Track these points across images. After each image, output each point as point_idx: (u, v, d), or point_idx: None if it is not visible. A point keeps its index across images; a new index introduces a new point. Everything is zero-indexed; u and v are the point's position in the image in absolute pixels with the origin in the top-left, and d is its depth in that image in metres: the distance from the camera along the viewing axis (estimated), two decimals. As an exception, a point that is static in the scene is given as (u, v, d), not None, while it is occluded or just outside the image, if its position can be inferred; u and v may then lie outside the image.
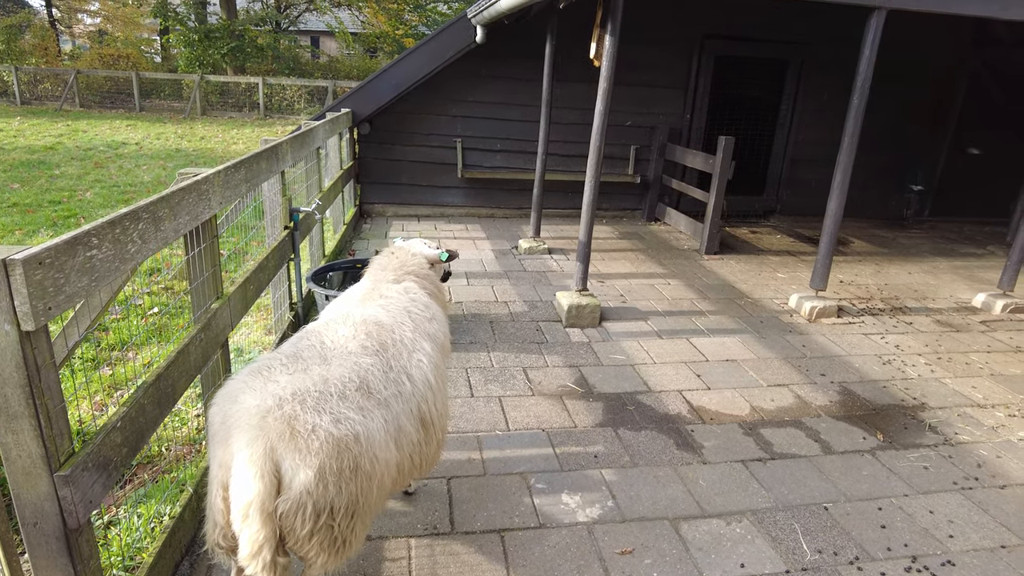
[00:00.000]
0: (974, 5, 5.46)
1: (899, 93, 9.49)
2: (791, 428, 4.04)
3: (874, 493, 3.44)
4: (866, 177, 9.90)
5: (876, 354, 5.19)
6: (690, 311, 5.86)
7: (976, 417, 4.31)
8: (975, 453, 3.88)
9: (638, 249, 7.79)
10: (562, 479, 3.41)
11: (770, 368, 4.83)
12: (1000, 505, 3.40)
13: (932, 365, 5.07)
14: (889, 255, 8.23)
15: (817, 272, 5.93)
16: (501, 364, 4.66)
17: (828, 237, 5.80)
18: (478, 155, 8.98)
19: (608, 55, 5.05)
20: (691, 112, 9.10)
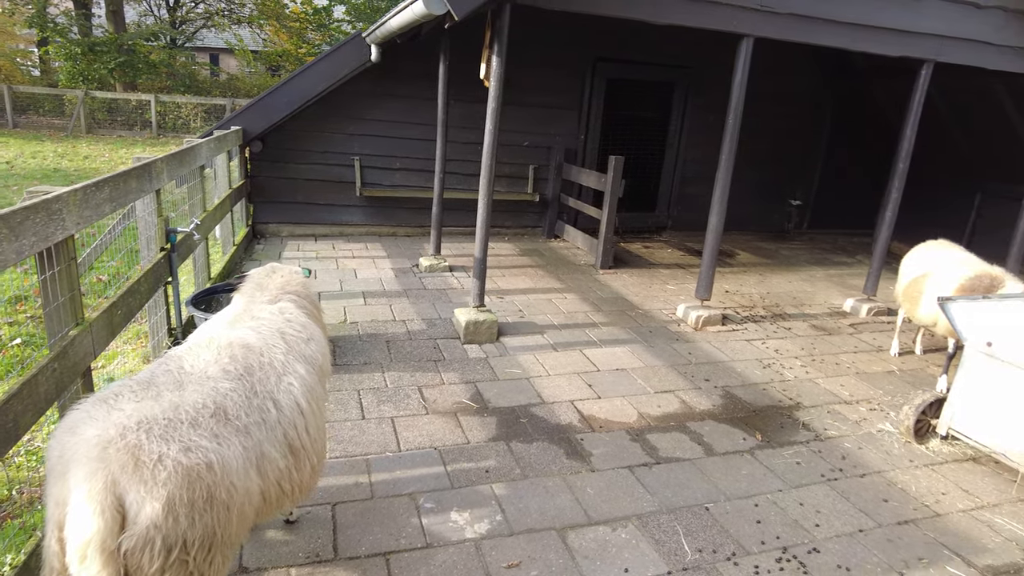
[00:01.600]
0: (827, 36, 5.95)
1: (778, 115, 10.21)
2: (676, 432, 4.19)
3: (751, 491, 3.62)
4: (751, 193, 10.54)
5: (757, 358, 5.49)
6: (584, 323, 6.00)
7: (843, 413, 4.63)
8: (841, 446, 4.16)
9: (537, 265, 7.92)
10: (452, 497, 3.39)
11: (658, 376, 5.00)
12: (860, 493, 3.66)
13: (807, 367, 5.41)
14: (771, 265, 8.77)
15: (701, 283, 6.23)
16: (396, 384, 4.59)
17: (710, 250, 6.11)
18: (377, 173, 8.89)
19: (496, 75, 5.14)
20: (585, 133, 9.40)
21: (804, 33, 5.90)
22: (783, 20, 5.78)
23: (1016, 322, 3.64)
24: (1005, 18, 6.40)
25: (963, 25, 6.31)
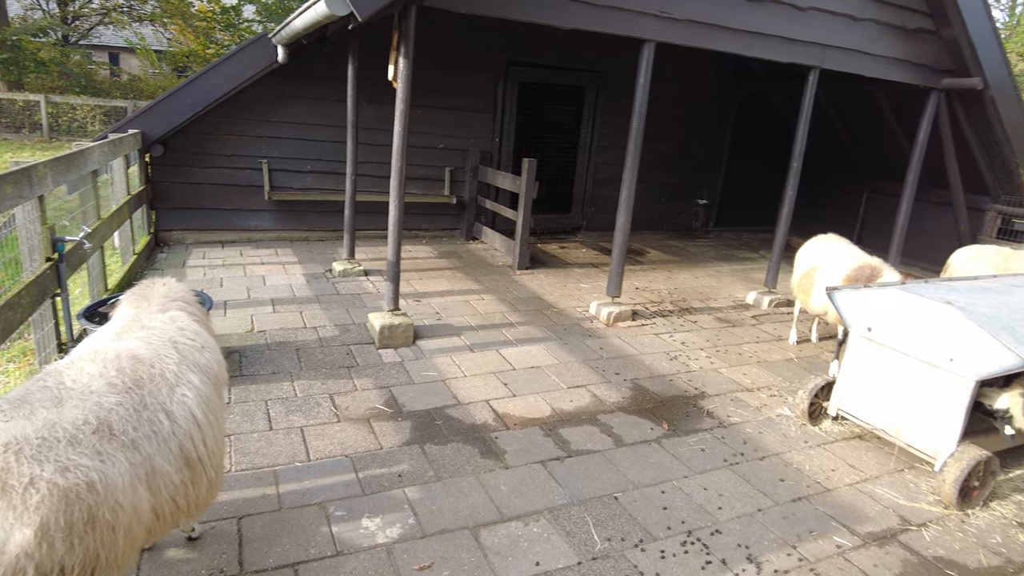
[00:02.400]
0: (724, 42, 6.25)
1: (685, 119, 10.65)
2: (588, 426, 4.30)
3: (658, 478, 3.76)
4: (660, 194, 10.94)
5: (665, 351, 5.70)
6: (501, 324, 6.06)
7: (745, 400, 4.87)
8: (743, 432, 4.38)
9: (455, 267, 7.92)
10: (363, 503, 3.35)
11: (571, 372, 5.11)
12: (759, 475, 3.87)
13: (712, 357, 5.67)
14: (680, 262, 9.11)
15: (611, 281, 6.41)
16: (306, 393, 4.49)
17: (619, 249, 6.30)
18: (287, 176, 8.66)
19: (403, 77, 5.11)
20: (500, 135, 9.48)
21: (703, 39, 6.17)
22: (682, 26, 6.02)
23: (891, 308, 3.95)
24: (878, 30, 6.91)
25: (843, 35, 6.77)
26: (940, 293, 3.95)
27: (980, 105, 7.80)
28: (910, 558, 3.24)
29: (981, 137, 8.26)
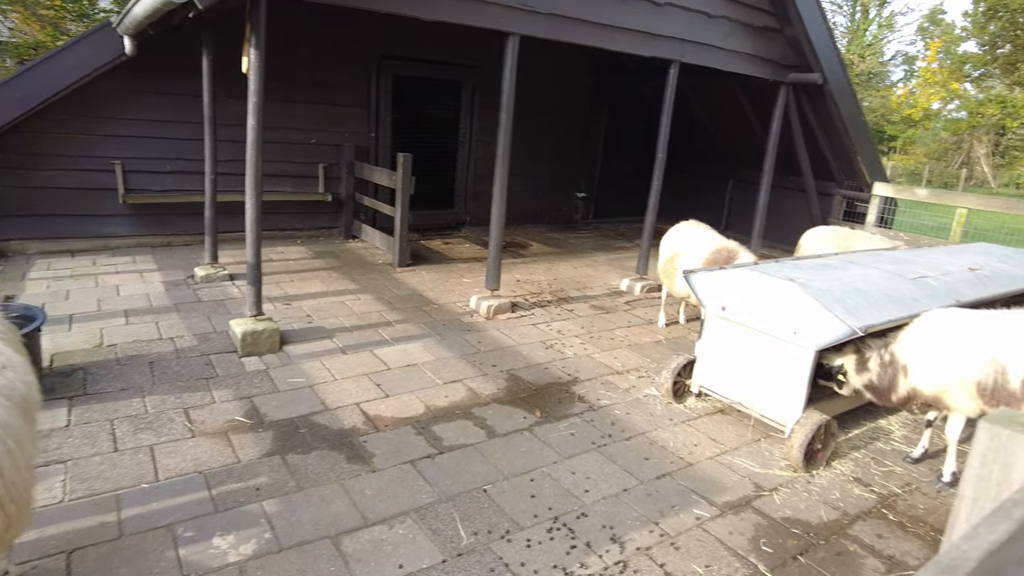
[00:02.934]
0: (589, 37, 6.39)
1: (562, 113, 10.85)
2: (461, 420, 4.25)
3: (528, 466, 3.77)
4: (541, 188, 11.10)
5: (541, 341, 5.76)
6: (378, 323, 5.90)
7: (615, 383, 5.00)
8: (612, 414, 4.49)
9: (332, 267, 7.65)
10: (215, 521, 3.13)
11: (447, 367, 5.05)
12: (625, 455, 3.97)
13: (585, 344, 5.78)
14: (560, 254, 9.28)
15: (490, 274, 6.41)
16: (158, 408, 4.16)
17: (495, 242, 6.30)
18: (145, 178, 8.03)
19: (255, 69, 4.85)
20: (376, 130, 9.26)
21: (567, 33, 6.27)
22: (546, 20, 6.09)
23: (741, 287, 4.17)
24: (731, 27, 7.32)
25: (700, 31, 7.12)
26: (784, 271, 4.21)
27: (822, 99, 8.45)
28: (761, 522, 3.42)
29: (825, 128, 8.96)
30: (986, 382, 3.47)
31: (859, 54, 40.49)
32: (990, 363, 3.46)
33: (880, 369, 3.85)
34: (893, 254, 5.43)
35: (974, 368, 3.51)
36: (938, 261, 5.28)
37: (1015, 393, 3.42)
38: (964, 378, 3.53)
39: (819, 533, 3.37)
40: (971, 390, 3.52)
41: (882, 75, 43.89)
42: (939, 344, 3.64)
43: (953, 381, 3.57)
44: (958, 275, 4.93)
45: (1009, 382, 3.42)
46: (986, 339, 3.53)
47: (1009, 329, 3.52)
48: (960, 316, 3.69)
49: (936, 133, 37.02)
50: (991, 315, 3.67)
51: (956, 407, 3.67)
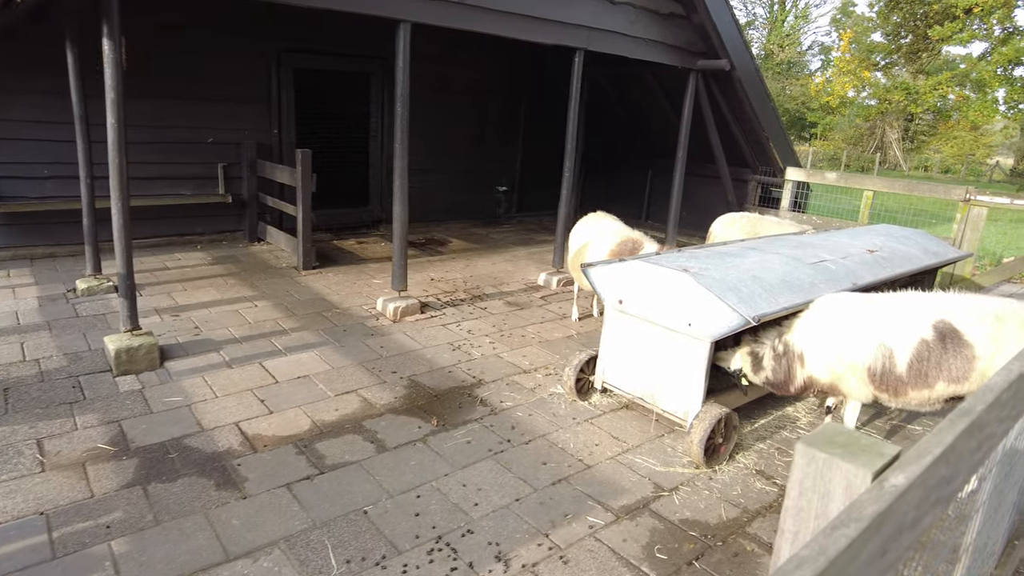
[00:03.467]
0: (489, 24, 6.15)
1: (478, 104, 10.59)
2: (350, 435, 3.96)
3: (416, 481, 3.52)
4: (462, 182, 10.82)
5: (449, 342, 5.51)
6: (272, 332, 5.53)
7: (521, 383, 4.80)
8: (513, 416, 4.28)
9: (231, 273, 7.19)
10: (50, 570, 2.76)
11: (343, 377, 4.74)
12: (522, 460, 3.77)
13: (495, 343, 5.57)
14: (480, 250, 9.05)
15: (396, 274, 6.12)
16: (6, 441, 3.71)
17: (399, 239, 6.01)
18: (20, 184, 7.37)
19: (110, 63, 4.41)
20: (279, 127, 8.79)
21: (464, 20, 6.01)
22: (440, 6, 5.82)
23: (637, 279, 4.02)
24: (635, 13, 7.22)
25: (604, 18, 6.98)
26: (680, 261, 4.09)
27: (731, 85, 8.48)
28: (658, 526, 3.28)
29: (736, 115, 9.01)
30: (875, 367, 3.41)
31: (778, 44, 41.80)
32: (878, 347, 3.41)
33: (775, 363, 3.76)
34: (798, 238, 5.42)
35: (863, 353, 3.45)
36: (840, 244, 5.29)
37: (902, 377, 3.38)
38: (855, 364, 3.47)
39: (717, 534, 3.25)
40: (862, 376, 3.46)
41: (801, 64, 45.47)
42: (830, 330, 3.57)
43: (845, 367, 3.51)
44: (857, 258, 4.94)
45: (896, 366, 3.38)
46: (874, 323, 3.48)
47: (896, 312, 3.48)
48: (849, 301, 3.64)
49: (852, 120, 38.57)
50: (879, 298, 3.63)
51: (850, 394, 3.62)
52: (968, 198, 7.54)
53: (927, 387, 3.37)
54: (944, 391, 3.38)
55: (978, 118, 28.25)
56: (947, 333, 3.35)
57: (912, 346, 3.36)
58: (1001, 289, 8.72)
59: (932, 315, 3.41)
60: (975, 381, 3.34)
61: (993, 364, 3.29)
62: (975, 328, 3.33)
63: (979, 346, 3.29)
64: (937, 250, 5.98)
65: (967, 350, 3.30)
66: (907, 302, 3.52)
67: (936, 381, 3.35)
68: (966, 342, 3.31)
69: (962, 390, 3.38)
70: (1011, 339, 3.28)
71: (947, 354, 3.32)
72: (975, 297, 3.52)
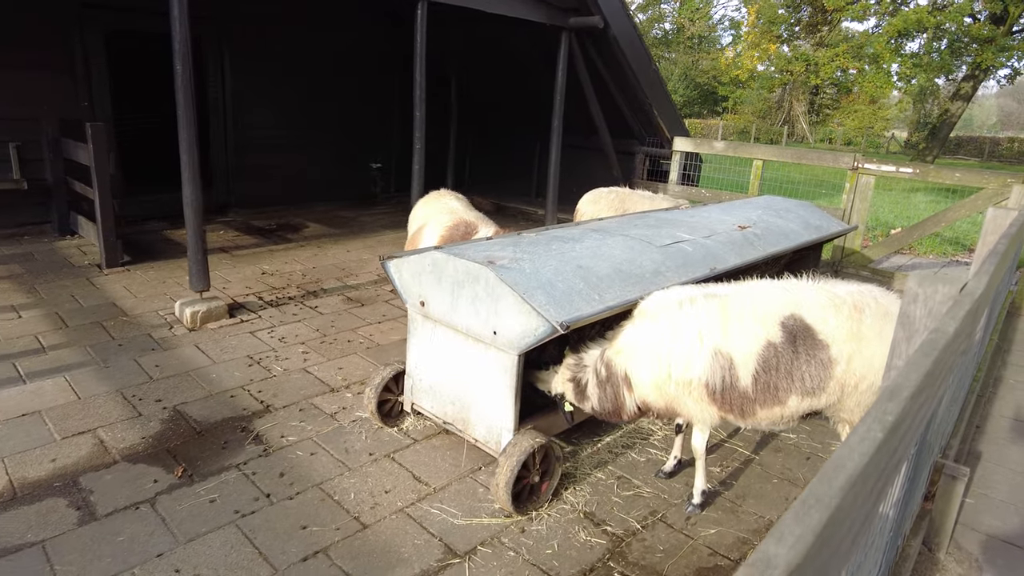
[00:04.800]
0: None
1: (348, 75, 9.46)
2: (53, 498, 2.92)
3: (112, 569, 2.53)
4: (330, 159, 9.68)
5: (250, 355, 4.50)
6: (23, 351, 4.36)
7: (320, 407, 3.85)
8: (289, 457, 3.33)
9: (12, 276, 5.89)
10: None
11: (87, 411, 3.67)
12: (276, 525, 2.83)
13: (310, 353, 4.59)
14: (339, 235, 7.99)
15: (193, 272, 5.03)
16: None
17: (194, 230, 4.92)
18: None
19: None
20: (89, 99, 7.42)
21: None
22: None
23: (438, 275, 3.13)
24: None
25: (452, -36, 6.01)
26: (493, 250, 3.22)
27: (607, 45, 7.68)
28: (435, 611, 2.42)
29: (617, 80, 8.24)
30: (714, 382, 2.66)
31: (689, 18, 41.85)
32: (715, 356, 2.65)
33: (600, 390, 2.96)
34: (658, 215, 4.67)
35: (698, 366, 2.69)
36: (707, 221, 4.58)
37: (747, 393, 2.64)
38: (689, 380, 2.71)
39: (511, 618, 2.42)
40: (700, 395, 2.70)
41: (712, 39, 45.79)
42: (655, 340, 2.79)
43: (678, 386, 2.74)
44: (724, 236, 4.22)
45: (739, 379, 2.63)
46: (709, 325, 2.71)
47: (736, 308, 2.73)
48: (677, 298, 2.85)
49: (760, 93, 39.12)
50: (717, 292, 2.87)
51: (691, 417, 2.86)
52: (856, 166, 7.05)
53: (778, 403, 2.64)
54: (798, 407, 2.66)
55: (875, 91, 28.93)
56: (798, 332, 2.62)
57: (756, 352, 2.62)
58: (891, 261, 8.38)
59: (780, 310, 2.67)
60: (833, 392, 2.63)
61: (853, 369, 2.59)
62: (830, 323, 2.61)
63: (835, 346, 2.58)
64: (820, 224, 5.38)
65: (822, 352, 2.58)
66: (751, 294, 2.78)
67: (788, 395, 2.62)
68: (821, 342, 2.59)
69: (819, 404, 2.67)
70: (872, 335, 2.58)
71: (799, 359, 2.59)
72: (831, 284, 2.82)
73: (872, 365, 2.57)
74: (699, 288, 2.94)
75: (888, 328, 2.54)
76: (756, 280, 2.93)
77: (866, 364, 2.59)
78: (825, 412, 2.77)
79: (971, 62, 22.66)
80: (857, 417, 2.72)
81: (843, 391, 2.64)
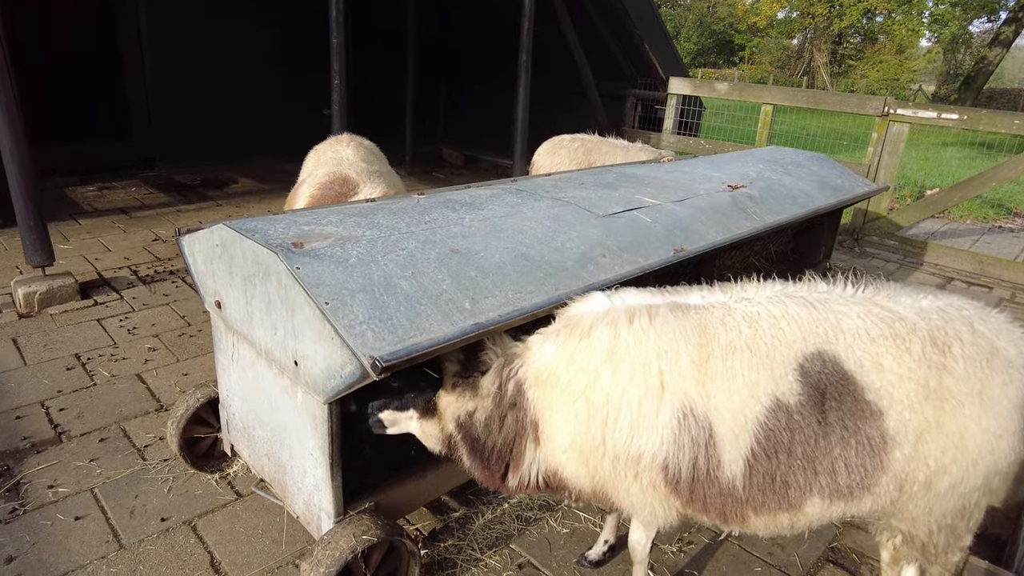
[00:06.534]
0: None
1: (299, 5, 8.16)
2: None
3: None
4: (277, 104, 8.45)
5: (77, 353, 3.42)
6: None
7: (132, 434, 2.79)
8: (40, 525, 2.28)
9: None
10: None
11: None
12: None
13: (160, 350, 3.51)
14: (268, 193, 6.85)
15: (28, 243, 3.93)
16: None
17: (20, 189, 3.79)
18: None
19: None
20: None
21: None
22: None
23: (232, 265, 1.99)
24: None
25: None
26: (316, 225, 2.06)
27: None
28: None
29: (600, 6, 6.89)
30: (678, 464, 1.54)
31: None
32: (682, 419, 1.53)
33: (493, 409, 1.82)
34: (620, 170, 3.48)
35: (651, 435, 1.56)
36: (690, 178, 3.40)
37: (734, 489, 1.53)
38: (637, 454, 1.58)
39: None
40: (653, 480, 1.59)
41: (730, -17, 43.13)
42: (585, 375, 1.65)
43: (618, 464, 1.61)
44: (705, 200, 3.05)
45: (722, 464, 1.52)
46: (675, 362, 1.57)
47: (721, 336, 1.59)
48: (619, 313, 1.68)
49: (780, 42, 36.89)
50: (689, 303, 1.71)
51: (634, 511, 1.74)
52: (887, 111, 5.76)
53: (786, 507, 1.54)
54: (821, 514, 1.56)
55: (904, 39, 26.86)
56: (830, 385, 1.50)
57: (755, 418, 1.50)
58: (921, 227, 7.13)
59: (800, 343, 1.55)
60: (885, 492, 1.53)
61: (924, 455, 1.49)
62: (887, 370, 1.50)
63: (895, 413, 1.47)
64: (840, 183, 4.16)
65: (872, 423, 1.47)
66: (750, 312, 1.63)
67: (805, 496, 1.51)
68: (869, 404, 1.48)
69: (858, 510, 1.57)
70: (964, 394, 1.47)
71: (830, 435, 1.48)
72: (888, 294, 1.67)
73: (962, 449, 1.48)
74: (660, 294, 1.78)
75: (996, 381, 1.43)
76: (757, 284, 1.77)
77: (950, 447, 1.48)
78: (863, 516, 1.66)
79: (1016, 3, 20.63)
80: (924, 531, 1.62)
81: (902, 491, 1.53)
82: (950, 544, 1.67)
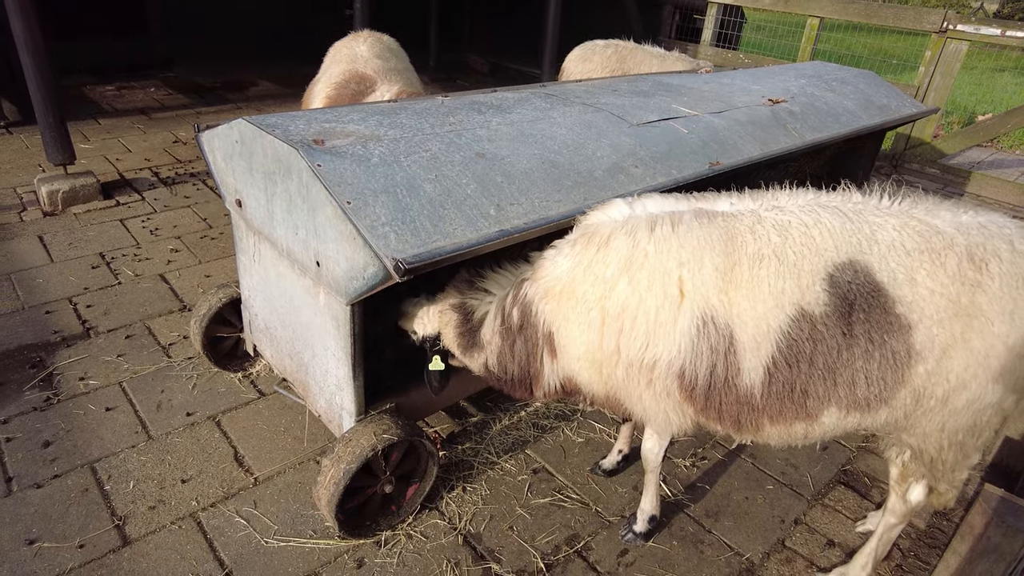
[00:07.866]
0: None
1: None
2: None
3: None
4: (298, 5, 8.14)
5: (102, 252, 3.45)
6: None
7: (157, 332, 2.83)
8: (73, 414, 2.35)
9: None
10: None
11: None
12: (-15, 540, 1.88)
13: (182, 251, 3.53)
14: (288, 96, 6.67)
15: (49, 140, 3.89)
16: None
17: (38, 83, 3.71)
18: None
19: None
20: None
21: None
22: None
23: (251, 162, 1.94)
24: None
25: None
26: (337, 123, 1.98)
27: None
28: None
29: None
30: (695, 371, 1.51)
31: None
32: (702, 327, 1.49)
33: (503, 341, 1.81)
34: (656, 79, 3.31)
35: (669, 339, 1.53)
36: (729, 90, 3.23)
37: (751, 398, 1.51)
38: (650, 363, 1.56)
39: None
40: (668, 387, 1.57)
41: None
42: (601, 283, 1.61)
43: (632, 370, 1.59)
44: (744, 112, 2.90)
45: (741, 372, 1.49)
46: (697, 270, 1.52)
47: (748, 243, 1.53)
48: (644, 220, 1.62)
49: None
50: (716, 209, 1.64)
51: (648, 419, 1.73)
52: (945, 27, 5.38)
53: (803, 417, 1.52)
54: (836, 424, 1.54)
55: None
56: (859, 297, 1.45)
57: (778, 328, 1.46)
58: (966, 156, 6.80)
59: (831, 252, 1.48)
60: (900, 405, 1.50)
61: (947, 370, 1.45)
62: (920, 284, 1.44)
63: (924, 328, 1.42)
64: (886, 102, 3.93)
65: (898, 337, 1.43)
66: (779, 219, 1.56)
67: (822, 406, 1.49)
68: (898, 318, 1.43)
69: (872, 421, 1.55)
70: (996, 313, 1.42)
71: (854, 347, 1.44)
72: (927, 207, 1.58)
73: (985, 367, 1.43)
74: (685, 200, 1.71)
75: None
76: (785, 189, 1.70)
77: (972, 364, 1.44)
78: (874, 428, 1.63)
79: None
80: (934, 446, 1.60)
81: (918, 404, 1.50)
82: (958, 461, 1.65)
